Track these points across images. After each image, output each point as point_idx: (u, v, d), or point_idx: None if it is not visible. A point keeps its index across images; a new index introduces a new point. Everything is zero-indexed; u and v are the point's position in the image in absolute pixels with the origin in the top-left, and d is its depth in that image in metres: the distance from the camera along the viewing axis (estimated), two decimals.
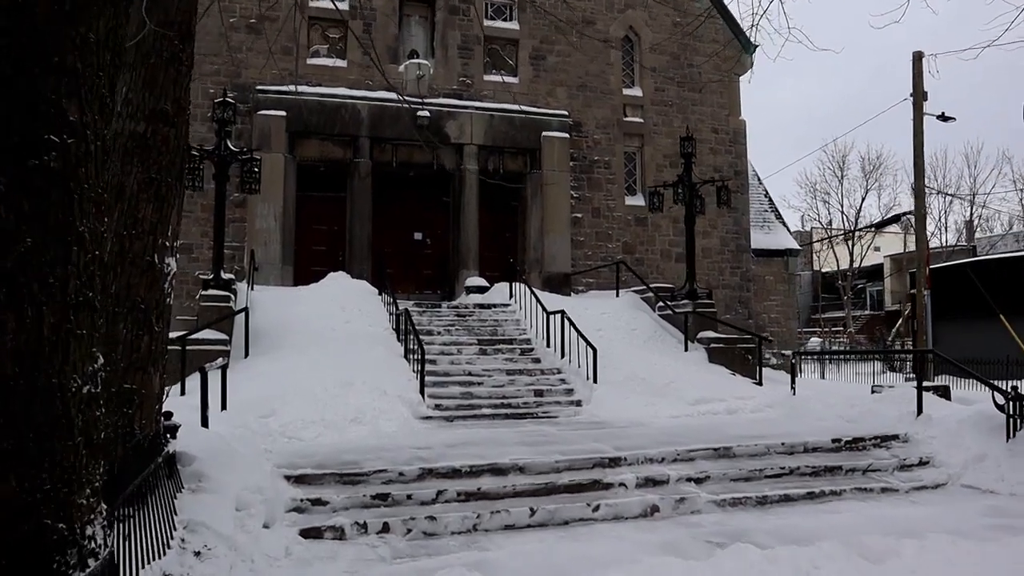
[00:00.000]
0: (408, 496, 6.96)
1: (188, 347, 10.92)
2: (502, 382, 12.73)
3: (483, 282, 17.94)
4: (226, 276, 13.50)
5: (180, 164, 5.84)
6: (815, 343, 39.92)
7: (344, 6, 18.71)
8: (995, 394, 9.16)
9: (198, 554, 4.97)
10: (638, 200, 21.80)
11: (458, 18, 20.52)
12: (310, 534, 6.25)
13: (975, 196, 46.07)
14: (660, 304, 16.17)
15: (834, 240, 46.36)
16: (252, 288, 14.75)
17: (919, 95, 22.39)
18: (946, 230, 51.36)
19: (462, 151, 19.90)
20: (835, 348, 37.49)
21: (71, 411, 2.87)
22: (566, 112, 20.88)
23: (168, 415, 5.89)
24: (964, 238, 50.28)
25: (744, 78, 23.24)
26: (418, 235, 20.43)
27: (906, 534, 6.14)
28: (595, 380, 12.30)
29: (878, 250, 50.42)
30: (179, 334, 11.37)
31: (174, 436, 5.87)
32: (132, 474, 4.78)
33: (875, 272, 53.31)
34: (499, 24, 20.94)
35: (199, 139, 15.10)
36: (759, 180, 26.70)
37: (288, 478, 7.01)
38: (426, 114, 19.11)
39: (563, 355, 13.38)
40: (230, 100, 13.51)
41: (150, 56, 5.70)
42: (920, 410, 9.88)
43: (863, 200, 55.48)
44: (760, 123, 61.00)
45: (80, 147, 2.90)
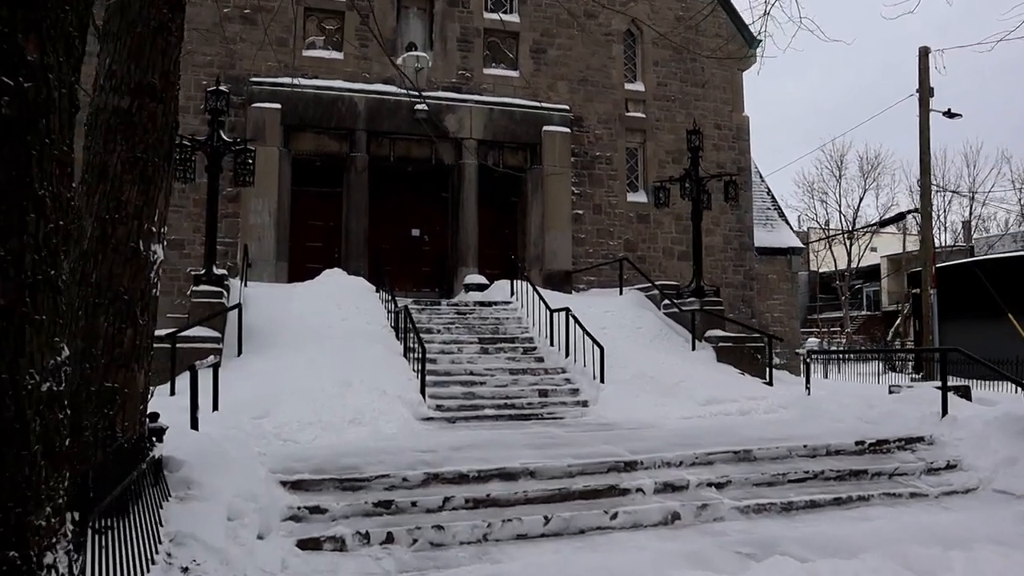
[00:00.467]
0: (413, 503, 6.50)
1: (178, 345, 10.48)
2: (505, 382, 12.29)
3: (483, 280, 17.50)
4: (218, 272, 13.02)
5: (168, 143, 5.37)
6: (812, 343, 39.61)
7: None
8: None
9: (186, 570, 4.50)
10: (640, 197, 21.39)
11: (457, 10, 20.07)
12: (308, 545, 5.78)
13: (974, 195, 45.82)
14: (666, 302, 15.73)
15: (834, 239, 46.08)
16: (245, 284, 14.26)
17: (925, 91, 22.04)
18: (944, 230, 51.17)
19: (461, 145, 19.44)
20: (836, 348, 37.17)
21: (26, 413, 2.36)
22: (567, 106, 20.44)
23: (154, 416, 5.42)
24: (962, 238, 50.08)
25: (752, 70, 22.87)
26: (416, 231, 19.95)
27: (950, 544, 5.71)
28: (602, 380, 11.86)
29: (875, 251, 50.21)
30: (169, 331, 10.91)
31: (160, 439, 5.39)
32: (112, 481, 4.33)
33: (872, 273, 53.07)
34: (499, 16, 20.46)
35: (192, 132, 14.56)
36: (761, 177, 26.28)
37: (284, 484, 6.54)
38: (424, 107, 18.63)
39: (568, 354, 12.95)
40: (223, 89, 13.03)
41: (136, 25, 5.23)
42: (945, 411, 9.45)
43: (861, 200, 55.35)
44: (763, 119, 60.70)
45: (40, 93, 2.38)
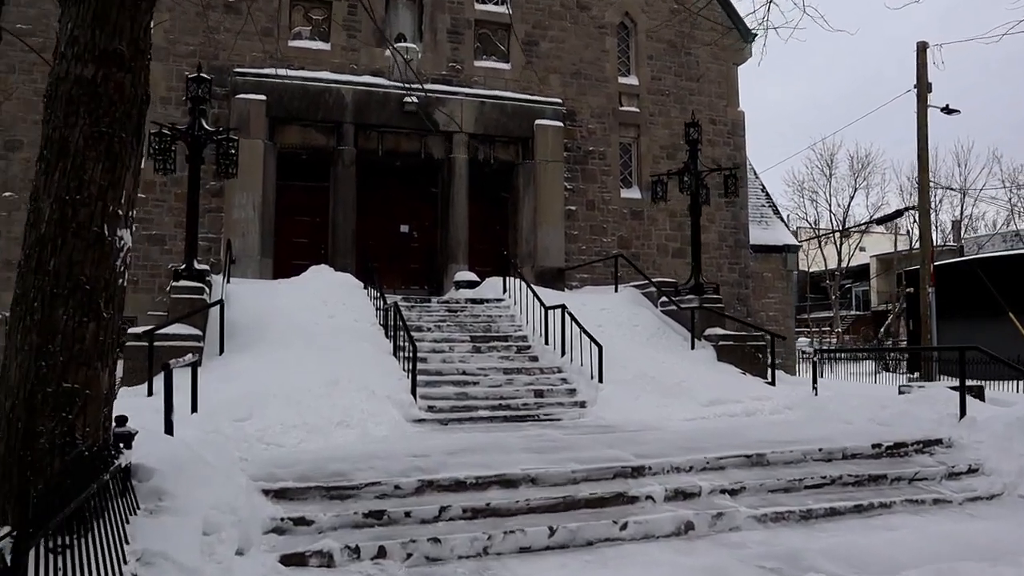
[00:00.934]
0: (407, 513, 5.99)
1: (156, 342, 9.92)
2: (499, 382, 11.81)
3: (473, 277, 16.99)
4: (200, 267, 12.44)
5: (138, 117, 4.85)
6: (803, 343, 39.34)
7: None
8: None
9: None
10: (634, 193, 20.95)
11: (447, 0, 19.55)
12: (292, 561, 5.28)
13: (966, 192, 45.70)
14: (663, 299, 15.28)
15: (827, 238, 45.92)
16: (228, 281, 13.69)
17: (923, 87, 21.69)
18: (935, 230, 51.05)
19: (451, 139, 18.95)
20: (838, 347, 36.98)
21: None
22: (560, 100, 19.97)
23: (121, 420, 4.89)
24: (951, 238, 49.99)
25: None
26: (404, 227, 19.41)
27: (992, 558, 5.29)
28: (600, 380, 11.39)
29: (863, 250, 50.05)
30: (147, 328, 10.36)
31: (129, 445, 4.86)
32: (70, 494, 3.82)
33: (861, 272, 52.95)
34: (490, 8, 19.97)
35: (174, 124, 13.98)
36: (755, 174, 25.91)
37: (266, 493, 6.02)
38: (414, 100, 18.16)
39: (564, 353, 12.48)
40: (205, 76, 12.45)
41: None
42: (963, 412, 9.04)
43: (851, 199, 55.23)
44: (752, 116, 60.48)
45: None
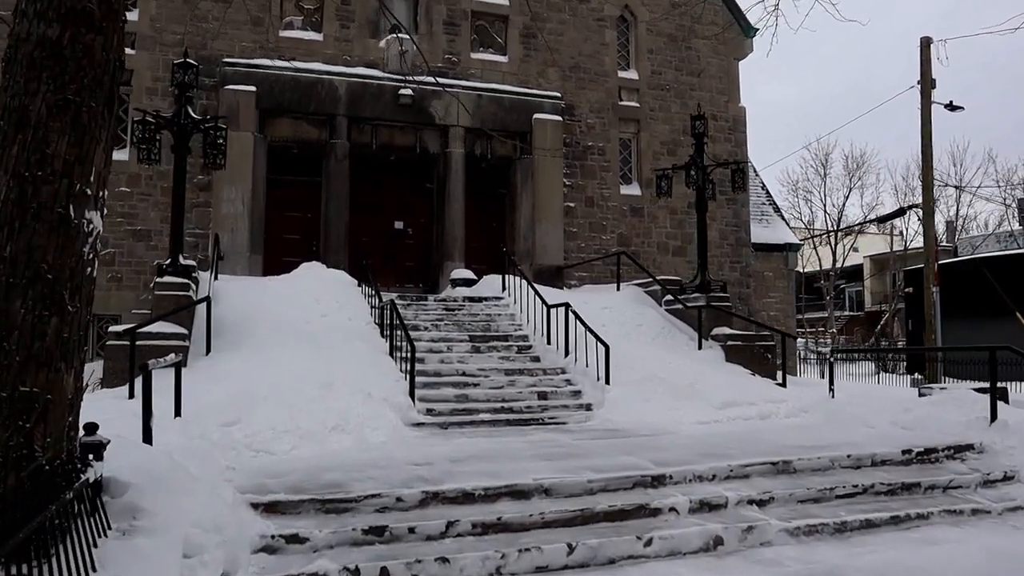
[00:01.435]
0: (410, 530, 5.44)
1: (138, 341, 9.36)
2: (500, 383, 11.27)
3: (470, 274, 16.46)
4: (186, 262, 11.85)
5: (110, 84, 4.29)
6: (799, 344, 38.94)
7: None
8: None
9: None
10: (634, 189, 20.45)
11: None
12: None
13: (963, 191, 45.41)
14: (668, 298, 14.77)
15: (825, 238, 45.66)
16: (216, 277, 13.10)
17: (927, 83, 21.29)
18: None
19: (447, 133, 18.41)
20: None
21: None
22: (558, 94, 19.46)
23: (91, 428, 4.33)
24: (945, 239, 49.76)
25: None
26: (399, 224, 18.82)
27: None
28: (607, 381, 10.87)
29: (856, 251, 49.79)
30: (128, 326, 9.78)
31: (99, 456, 4.30)
32: (26, 514, 3.27)
33: (855, 273, 52.70)
34: None
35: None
36: (755, 172, 25.46)
37: (255, 506, 5.46)
38: (409, 92, 17.62)
39: (567, 353, 11.96)
40: (191, 62, 11.86)
41: None
42: (994, 416, 8.58)
43: (846, 199, 54.94)
44: (751, 114, 60.11)
45: None
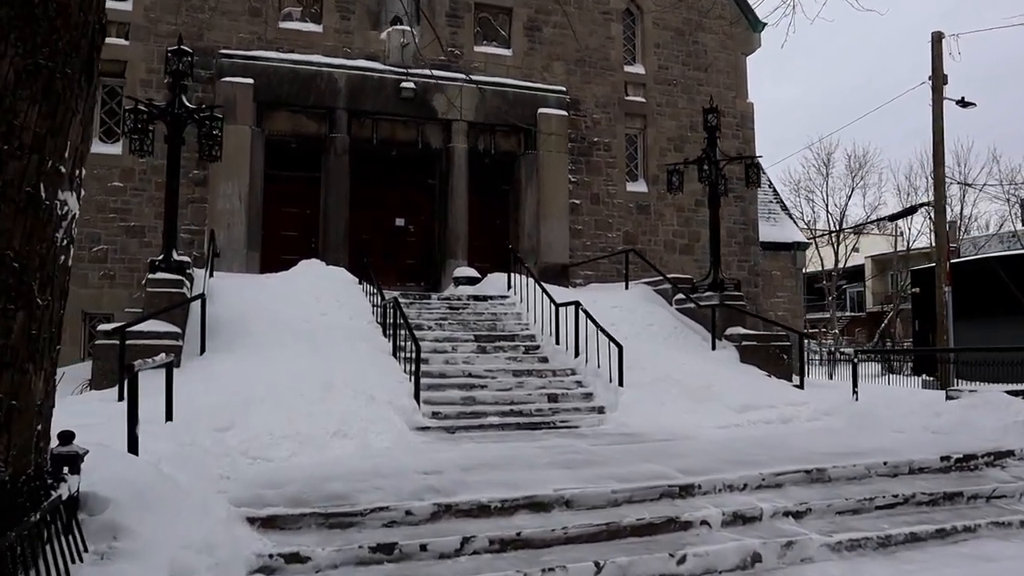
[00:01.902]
0: (422, 547, 4.96)
1: (129, 341, 8.89)
2: (508, 385, 10.80)
3: (474, 273, 15.98)
4: (180, 258, 11.36)
5: (88, 49, 3.80)
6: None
7: None
8: None
9: None
10: (640, 186, 20.00)
11: None
12: None
13: (969, 187, 44.94)
14: (679, 297, 14.29)
15: (827, 238, 45.31)
16: (211, 275, 12.61)
17: (939, 78, 20.84)
18: (931, 231, 50.40)
19: (450, 128, 17.93)
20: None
21: None
22: (563, 88, 18.99)
23: (67, 436, 3.84)
24: (948, 239, 49.32)
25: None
26: (400, 221, 18.33)
27: None
28: (620, 383, 10.40)
29: (857, 251, 49.41)
30: (117, 325, 9.29)
31: (75, 469, 3.81)
32: None
33: (856, 273, 52.33)
34: None
35: None
36: (762, 169, 25.00)
37: (252, 521, 4.98)
38: (411, 86, 17.16)
39: (577, 354, 11.49)
40: (186, 49, 11.38)
41: None
42: None
43: (848, 199, 54.56)
44: (761, 111, 59.70)
45: None
